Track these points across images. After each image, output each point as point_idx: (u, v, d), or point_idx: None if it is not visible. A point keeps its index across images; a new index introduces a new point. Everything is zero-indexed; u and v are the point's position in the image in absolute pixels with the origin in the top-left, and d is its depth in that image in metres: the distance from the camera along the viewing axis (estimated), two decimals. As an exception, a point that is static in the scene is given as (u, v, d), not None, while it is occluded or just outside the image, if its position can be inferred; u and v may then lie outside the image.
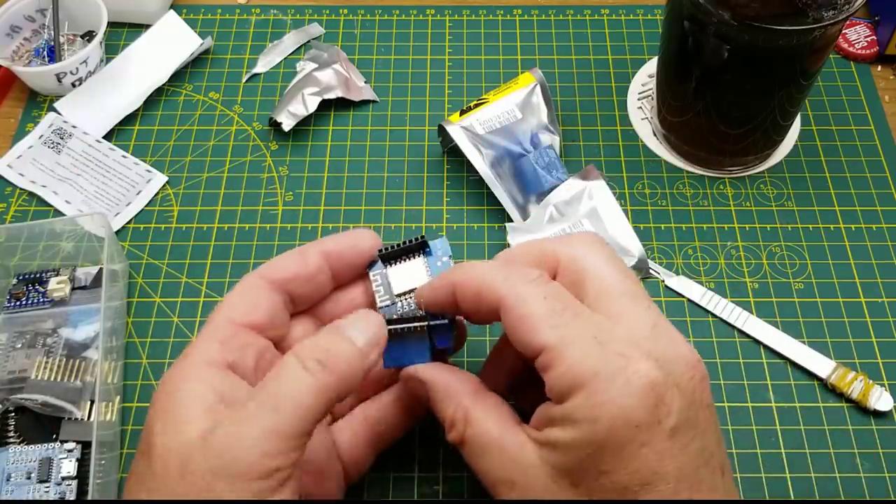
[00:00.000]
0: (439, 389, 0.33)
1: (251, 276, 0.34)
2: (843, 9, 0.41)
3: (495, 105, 0.51)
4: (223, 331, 0.32)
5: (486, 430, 0.30)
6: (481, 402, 0.32)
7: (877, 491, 0.41)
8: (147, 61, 0.57)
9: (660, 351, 0.28)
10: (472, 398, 0.32)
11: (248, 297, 0.33)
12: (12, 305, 0.45)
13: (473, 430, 0.31)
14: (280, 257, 0.35)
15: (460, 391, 0.32)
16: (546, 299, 0.29)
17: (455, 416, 0.32)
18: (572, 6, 0.61)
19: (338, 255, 0.35)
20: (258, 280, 0.34)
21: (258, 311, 0.33)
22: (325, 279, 0.35)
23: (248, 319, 0.32)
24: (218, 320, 0.32)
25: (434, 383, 0.33)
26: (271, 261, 0.35)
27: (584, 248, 0.32)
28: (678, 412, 0.27)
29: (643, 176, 0.52)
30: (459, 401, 0.32)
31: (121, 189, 0.52)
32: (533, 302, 0.29)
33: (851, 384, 0.43)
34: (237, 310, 0.33)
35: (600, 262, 0.31)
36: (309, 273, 0.35)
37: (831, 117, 0.55)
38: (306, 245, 0.35)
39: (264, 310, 0.33)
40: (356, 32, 0.60)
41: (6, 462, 0.40)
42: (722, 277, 0.48)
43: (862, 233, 0.50)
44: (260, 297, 0.33)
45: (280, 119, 0.53)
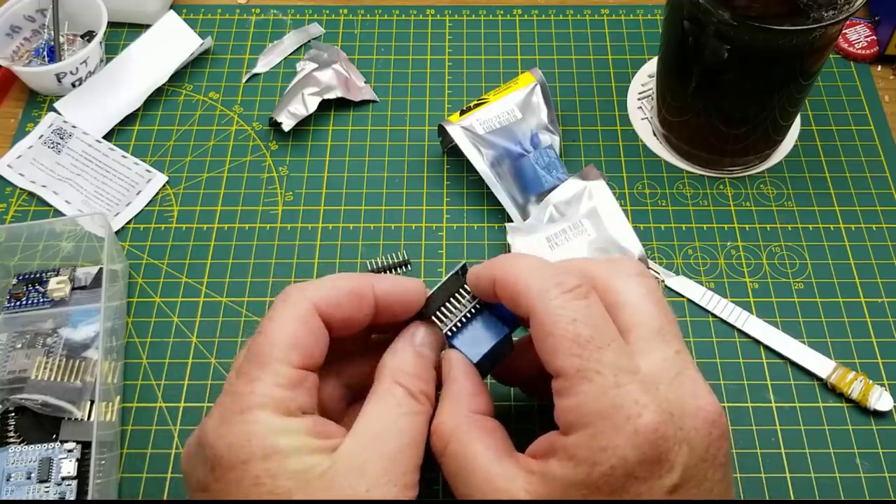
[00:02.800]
0: (450, 392, 0.32)
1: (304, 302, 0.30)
2: (843, 9, 0.41)
3: (495, 105, 0.51)
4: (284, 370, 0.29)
5: (472, 455, 0.29)
6: (476, 425, 0.30)
7: (877, 491, 0.41)
8: (147, 61, 0.57)
9: (678, 402, 0.27)
10: (468, 418, 0.31)
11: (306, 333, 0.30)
12: (12, 305, 0.45)
13: (455, 449, 0.30)
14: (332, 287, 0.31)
15: (464, 404, 0.31)
16: (575, 322, 0.28)
17: (444, 425, 0.30)
18: (572, 6, 0.61)
19: (387, 308, 0.33)
20: (313, 312, 0.31)
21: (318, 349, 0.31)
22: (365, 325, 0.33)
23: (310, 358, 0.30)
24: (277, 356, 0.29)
25: (451, 380, 0.32)
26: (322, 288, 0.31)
27: (624, 277, 0.31)
28: (682, 469, 0.27)
29: (643, 176, 0.52)
30: (458, 413, 0.31)
31: (121, 189, 0.52)
32: (562, 323, 0.28)
33: (851, 384, 0.43)
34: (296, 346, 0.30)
35: (639, 295, 0.30)
36: (360, 319, 0.32)
37: (831, 117, 0.55)
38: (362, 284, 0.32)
39: (321, 348, 0.31)
40: (356, 32, 0.60)
41: (6, 462, 0.40)
42: (722, 277, 0.48)
43: (862, 233, 0.50)
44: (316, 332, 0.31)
45: (280, 119, 0.53)
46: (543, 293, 0.29)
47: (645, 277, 0.31)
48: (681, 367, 0.28)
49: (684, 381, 0.28)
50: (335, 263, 0.49)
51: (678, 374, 0.28)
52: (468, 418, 0.30)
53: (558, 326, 0.28)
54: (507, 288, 0.30)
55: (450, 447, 0.30)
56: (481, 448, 0.29)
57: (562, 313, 0.28)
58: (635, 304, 0.30)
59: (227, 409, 0.29)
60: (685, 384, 0.28)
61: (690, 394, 0.28)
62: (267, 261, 0.49)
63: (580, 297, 0.29)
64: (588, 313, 0.28)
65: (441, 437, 0.30)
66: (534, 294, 0.29)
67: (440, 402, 0.32)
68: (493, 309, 0.34)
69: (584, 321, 0.28)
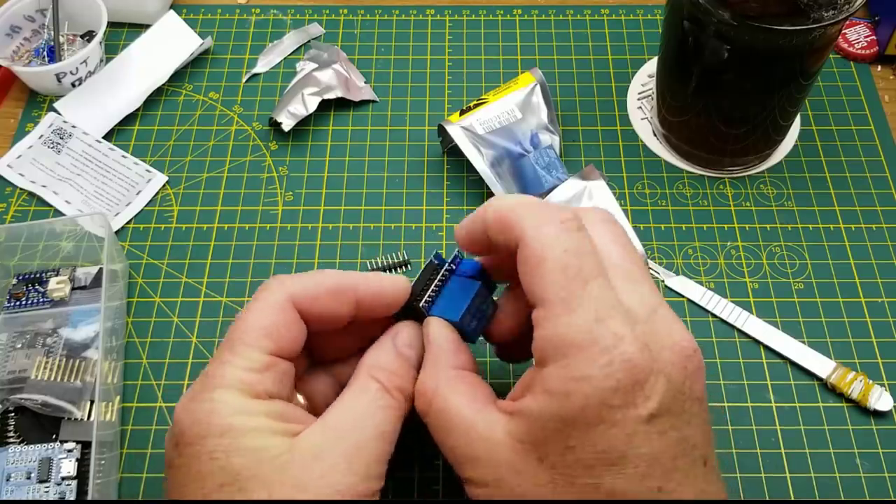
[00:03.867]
0: (430, 354, 0.32)
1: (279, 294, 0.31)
2: (843, 9, 0.41)
3: (495, 105, 0.51)
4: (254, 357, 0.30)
5: (457, 407, 0.30)
6: (456, 380, 0.31)
7: (877, 491, 0.41)
8: (147, 61, 0.57)
9: (654, 336, 0.28)
10: (450, 375, 0.31)
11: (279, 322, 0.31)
12: (12, 305, 0.45)
13: (440, 405, 0.30)
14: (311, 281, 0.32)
15: (443, 362, 0.31)
16: (566, 253, 0.28)
17: (426, 384, 0.31)
18: (572, 6, 0.61)
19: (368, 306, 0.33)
20: (286, 302, 0.31)
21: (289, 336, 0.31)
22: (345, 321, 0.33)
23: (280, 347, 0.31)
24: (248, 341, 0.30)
25: (430, 343, 0.32)
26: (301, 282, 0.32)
27: (596, 223, 0.31)
28: (660, 399, 0.27)
29: (643, 176, 0.52)
30: (438, 371, 0.31)
31: (121, 189, 0.52)
32: (553, 251, 0.28)
33: (851, 384, 0.43)
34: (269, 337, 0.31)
35: (607, 241, 0.30)
36: (339, 316, 0.33)
37: (831, 117, 0.55)
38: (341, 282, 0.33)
39: (294, 337, 0.31)
40: (356, 32, 0.60)
41: (6, 462, 0.40)
42: (722, 277, 0.48)
43: (862, 233, 0.50)
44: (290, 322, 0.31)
45: (280, 119, 0.53)
46: (537, 222, 0.29)
47: (612, 224, 0.31)
48: (655, 305, 0.29)
49: (659, 318, 0.28)
50: (335, 263, 0.49)
51: (653, 311, 0.28)
52: (448, 374, 0.31)
53: (549, 255, 0.28)
54: (500, 220, 0.30)
55: (433, 404, 0.30)
56: (463, 400, 0.30)
57: (554, 242, 0.28)
58: (607, 247, 0.30)
59: (196, 388, 0.30)
60: (660, 321, 0.28)
61: (666, 330, 0.28)
62: (267, 261, 0.49)
63: (573, 229, 0.29)
64: (579, 245, 0.28)
65: (424, 396, 0.31)
66: (527, 223, 0.29)
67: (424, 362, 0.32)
68: (464, 275, 0.34)
69: (574, 252, 0.28)
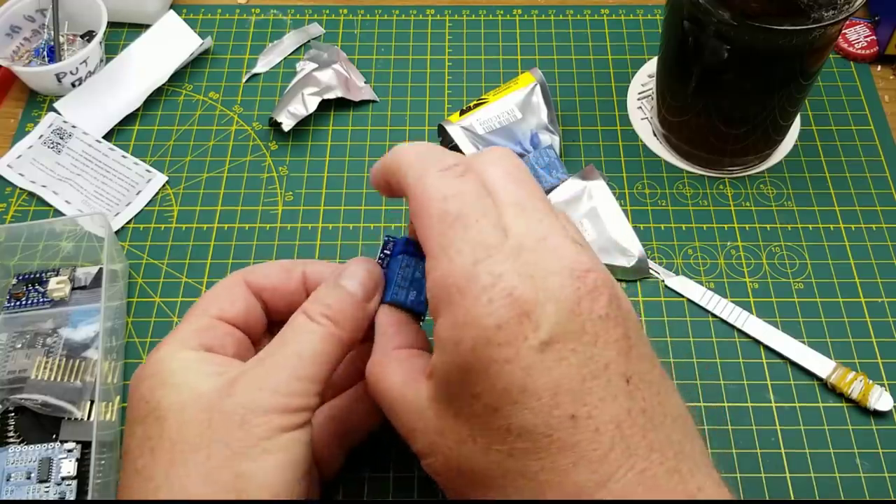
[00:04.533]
0: (376, 339, 0.33)
1: (233, 275, 0.35)
2: (843, 9, 0.41)
3: (495, 105, 0.51)
4: (199, 320, 0.32)
5: (392, 384, 0.30)
6: (393, 358, 0.31)
7: (877, 491, 0.41)
8: (147, 61, 0.57)
9: (540, 263, 0.27)
10: (390, 354, 0.31)
11: (226, 294, 0.34)
12: (12, 305, 0.45)
13: (382, 384, 0.31)
14: (265, 265, 0.35)
15: (383, 345, 0.32)
16: (445, 200, 0.28)
17: (369, 370, 0.31)
18: (572, 6, 0.61)
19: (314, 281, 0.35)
20: (238, 279, 0.34)
21: (235, 307, 0.33)
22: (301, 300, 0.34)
23: (224, 313, 0.33)
24: (194, 312, 0.33)
25: (376, 331, 0.33)
26: (255, 266, 0.35)
27: (489, 165, 0.30)
28: (551, 325, 0.26)
29: (643, 176, 0.52)
30: (378, 355, 0.32)
31: (121, 189, 0.52)
32: (432, 201, 0.28)
33: (851, 384, 0.43)
34: (214, 304, 0.33)
35: (496, 176, 0.29)
36: (288, 290, 0.35)
37: (831, 117, 0.55)
38: (294, 262, 0.36)
39: (241, 307, 0.33)
40: (356, 32, 0.60)
41: (6, 462, 0.40)
42: (722, 277, 0.48)
43: (862, 233, 0.50)
44: (237, 295, 0.34)
45: (280, 119, 0.53)
46: (418, 172, 0.29)
47: (506, 161, 0.30)
48: (545, 233, 0.28)
49: (548, 245, 0.27)
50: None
51: (542, 239, 0.27)
52: (387, 356, 0.31)
53: (428, 205, 0.28)
54: (392, 173, 0.31)
55: (377, 386, 0.31)
56: (397, 378, 0.30)
57: (434, 192, 0.28)
58: (495, 186, 0.29)
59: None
60: (548, 247, 0.27)
61: (554, 255, 0.27)
62: (267, 261, 0.49)
63: (456, 175, 0.29)
64: (460, 190, 0.28)
65: (369, 380, 0.31)
66: (410, 173, 0.29)
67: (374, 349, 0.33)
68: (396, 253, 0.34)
69: (454, 198, 0.28)
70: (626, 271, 0.48)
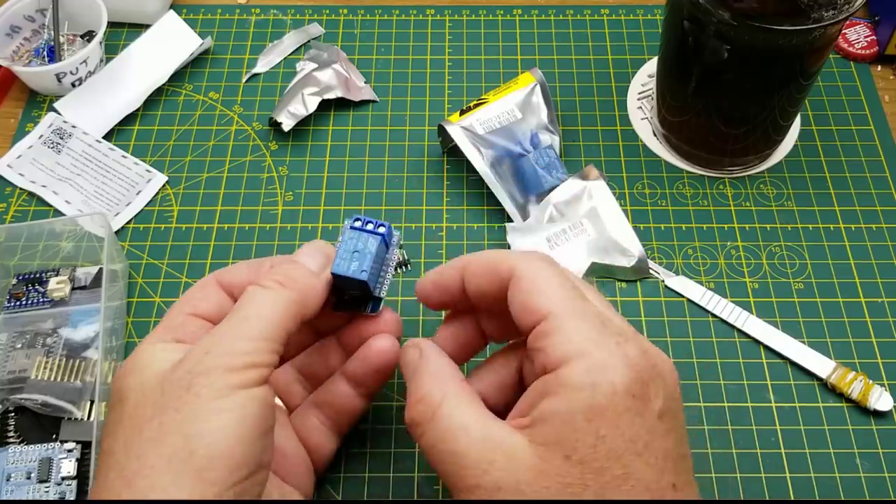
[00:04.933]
0: (430, 367, 0.33)
1: (205, 277, 0.36)
2: (843, 9, 0.41)
3: (495, 105, 0.51)
4: (173, 319, 0.33)
5: (465, 414, 0.30)
6: (463, 391, 0.31)
7: (877, 491, 0.41)
8: (147, 61, 0.57)
9: (646, 346, 0.30)
10: (457, 385, 0.32)
11: (200, 293, 0.35)
12: (12, 305, 0.45)
13: (449, 410, 0.30)
14: (235, 265, 0.36)
15: (447, 375, 0.32)
16: (558, 276, 0.31)
17: (432, 392, 0.31)
18: (572, 6, 0.61)
19: None
20: (210, 279, 0.35)
21: (208, 303, 0.34)
22: None
23: (196, 310, 0.34)
24: (170, 312, 0.34)
25: (428, 358, 0.33)
26: (227, 267, 0.36)
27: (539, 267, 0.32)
28: (663, 399, 0.29)
29: (643, 176, 0.52)
30: (443, 383, 0.32)
31: (121, 189, 0.52)
32: (546, 272, 0.31)
33: (851, 384, 0.43)
34: (188, 303, 0.34)
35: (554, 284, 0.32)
36: None
37: (831, 117, 0.55)
38: (261, 259, 0.36)
39: (213, 303, 0.34)
40: (356, 32, 0.60)
41: (6, 462, 0.40)
42: (722, 277, 0.48)
43: (862, 233, 0.50)
44: (209, 293, 0.34)
45: (280, 119, 0.53)
46: (524, 259, 0.32)
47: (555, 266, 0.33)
48: (633, 329, 0.31)
49: (641, 337, 0.31)
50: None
51: (635, 332, 0.31)
52: (456, 385, 0.32)
53: (544, 275, 0.31)
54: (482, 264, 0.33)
55: (441, 411, 0.30)
56: (474, 410, 0.30)
57: (547, 268, 0.32)
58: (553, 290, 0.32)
59: None
60: (642, 338, 0.31)
61: (649, 345, 0.31)
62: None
63: (556, 264, 0.32)
64: (567, 274, 0.32)
65: (427, 405, 0.31)
66: (514, 258, 0.32)
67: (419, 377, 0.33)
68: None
69: (566, 276, 0.32)
70: (626, 271, 0.48)
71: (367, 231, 0.35)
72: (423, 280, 0.36)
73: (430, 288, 0.36)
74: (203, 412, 0.28)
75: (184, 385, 0.28)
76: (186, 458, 0.27)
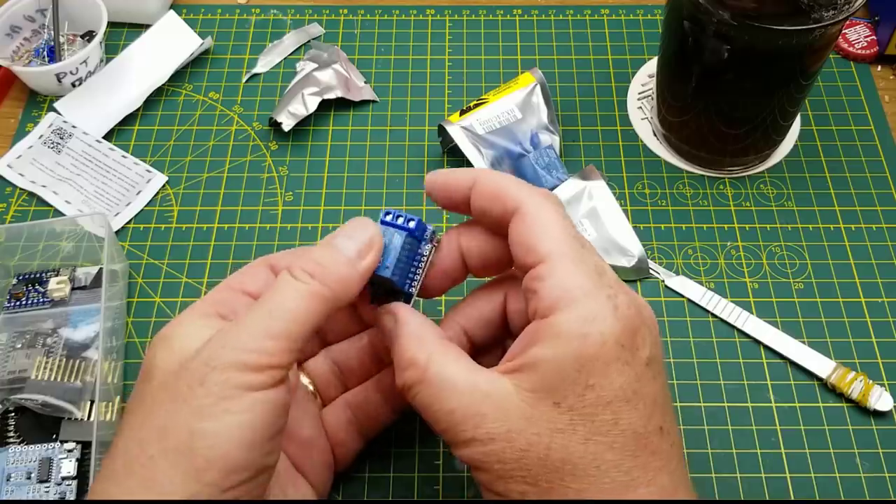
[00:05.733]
0: (408, 331, 0.32)
1: (256, 259, 0.35)
2: (843, 9, 0.41)
3: (495, 105, 0.51)
4: (220, 293, 0.33)
5: (451, 371, 0.30)
6: (446, 348, 0.31)
7: (877, 491, 0.41)
8: (147, 61, 0.57)
9: (633, 296, 0.31)
10: (439, 343, 0.32)
11: (249, 272, 0.34)
12: (12, 305, 0.45)
13: (436, 369, 0.30)
14: (287, 251, 0.36)
15: (428, 336, 0.32)
16: (564, 219, 0.31)
17: (417, 355, 0.31)
18: (572, 6, 0.61)
19: None
20: (261, 261, 0.35)
21: (256, 281, 0.34)
22: None
23: (244, 286, 0.33)
24: (218, 287, 0.33)
25: (405, 323, 0.33)
26: (278, 252, 0.36)
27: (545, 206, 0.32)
28: (650, 347, 0.29)
29: (643, 176, 0.52)
30: (424, 344, 0.31)
31: (121, 189, 0.52)
32: (551, 214, 0.31)
33: (851, 384, 0.43)
34: (236, 279, 0.34)
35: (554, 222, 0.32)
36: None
37: (831, 117, 0.55)
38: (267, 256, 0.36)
39: (261, 282, 0.34)
40: (356, 32, 0.60)
41: (6, 462, 0.40)
42: (722, 277, 0.48)
43: (862, 233, 0.50)
44: (258, 272, 0.34)
45: (280, 119, 0.53)
46: (533, 194, 0.32)
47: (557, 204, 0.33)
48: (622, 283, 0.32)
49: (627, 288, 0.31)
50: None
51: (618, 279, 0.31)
52: (439, 343, 0.32)
53: (548, 215, 0.31)
54: (490, 186, 0.33)
55: (429, 370, 0.30)
56: (461, 364, 0.30)
57: (553, 210, 0.32)
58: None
59: None
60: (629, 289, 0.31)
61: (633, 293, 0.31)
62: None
63: (561, 206, 0.32)
64: (567, 216, 0.32)
65: (415, 366, 0.31)
66: (524, 194, 0.32)
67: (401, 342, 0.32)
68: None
69: (568, 219, 0.32)
70: (626, 271, 0.48)
71: (397, 226, 0.34)
72: (434, 177, 0.35)
73: (438, 187, 0.35)
74: (211, 410, 0.27)
75: (197, 377, 0.28)
76: (187, 453, 0.27)
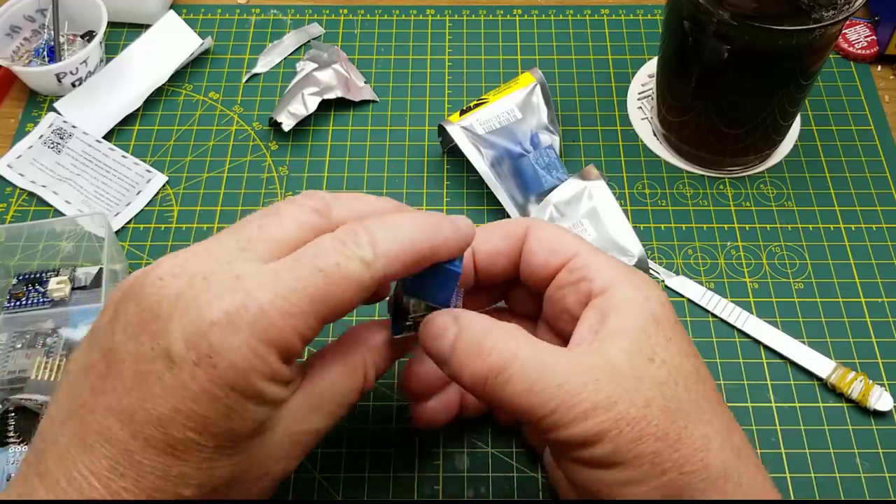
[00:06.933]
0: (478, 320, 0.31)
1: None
2: (843, 9, 0.41)
3: (495, 105, 0.51)
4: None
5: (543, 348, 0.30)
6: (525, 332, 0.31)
7: (877, 491, 0.41)
8: (147, 61, 0.57)
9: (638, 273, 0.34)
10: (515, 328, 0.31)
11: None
12: (12, 305, 0.45)
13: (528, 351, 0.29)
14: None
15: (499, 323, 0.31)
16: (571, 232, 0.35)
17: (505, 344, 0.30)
18: (572, 6, 0.61)
19: None
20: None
21: None
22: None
23: None
24: None
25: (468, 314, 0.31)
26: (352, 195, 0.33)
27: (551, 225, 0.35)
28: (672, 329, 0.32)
29: (643, 176, 0.52)
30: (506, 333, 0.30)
31: (121, 189, 0.52)
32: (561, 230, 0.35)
33: (851, 384, 0.43)
34: None
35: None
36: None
37: (831, 117, 0.55)
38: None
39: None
40: (356, 32, 0.60)
41: (6, 462, 0.40)
42: (722, 277, 0.48)
43: (862, 233, 0.50)
44: None
45: (280, 119, 0.53)
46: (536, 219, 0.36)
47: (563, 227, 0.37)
48: None
49: None
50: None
51: None
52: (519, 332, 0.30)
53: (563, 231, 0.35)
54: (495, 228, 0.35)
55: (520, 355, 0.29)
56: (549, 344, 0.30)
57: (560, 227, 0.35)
58: None
59: None
60: None
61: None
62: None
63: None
64: None
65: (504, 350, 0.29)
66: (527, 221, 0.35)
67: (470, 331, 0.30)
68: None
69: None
70: (626, 271, 0.48)
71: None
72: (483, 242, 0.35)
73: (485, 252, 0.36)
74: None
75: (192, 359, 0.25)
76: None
